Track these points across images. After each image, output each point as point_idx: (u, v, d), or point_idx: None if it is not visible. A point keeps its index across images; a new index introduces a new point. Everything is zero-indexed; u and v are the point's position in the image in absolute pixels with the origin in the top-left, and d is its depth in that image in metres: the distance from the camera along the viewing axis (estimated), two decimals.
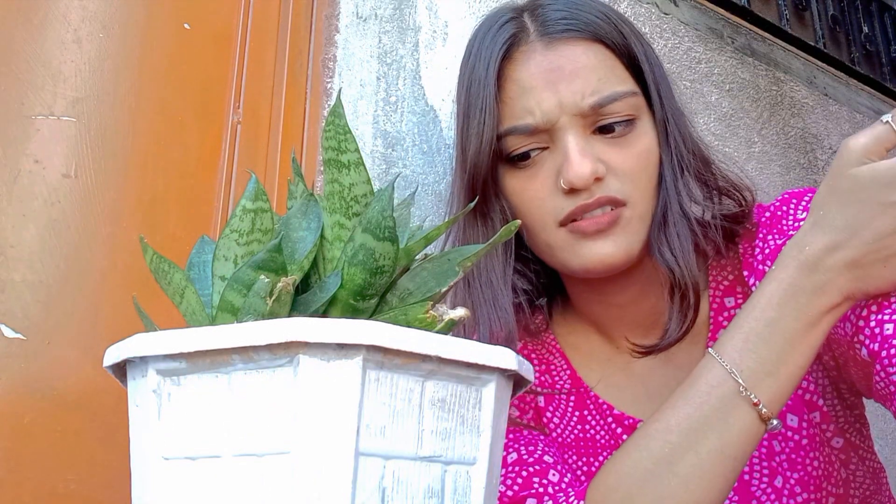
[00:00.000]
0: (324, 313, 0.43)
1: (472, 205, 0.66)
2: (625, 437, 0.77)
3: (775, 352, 0.58)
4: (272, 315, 0.39)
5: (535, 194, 0.72)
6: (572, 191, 0.69)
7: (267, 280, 0.39)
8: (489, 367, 0.39)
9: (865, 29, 2.01)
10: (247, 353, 0.35)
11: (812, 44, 1.78)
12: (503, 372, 0.41)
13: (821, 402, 0.72)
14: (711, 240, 0.74)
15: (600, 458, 0.78)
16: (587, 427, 0.79)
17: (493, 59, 0.72)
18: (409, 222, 0.49)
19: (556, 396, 0.81)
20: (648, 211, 0.72)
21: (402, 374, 0.37)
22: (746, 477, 0.72)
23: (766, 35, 1.68)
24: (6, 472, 0.72)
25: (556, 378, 0.82)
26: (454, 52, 1.12)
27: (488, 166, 0.72)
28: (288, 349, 0.35)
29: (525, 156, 0.72)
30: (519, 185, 0.73)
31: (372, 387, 0.36)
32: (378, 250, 0.42)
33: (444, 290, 0.45)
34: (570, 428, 0.80)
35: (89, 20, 0.89)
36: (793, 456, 0.71)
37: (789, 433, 0.72)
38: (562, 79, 0.70)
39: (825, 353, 0.72)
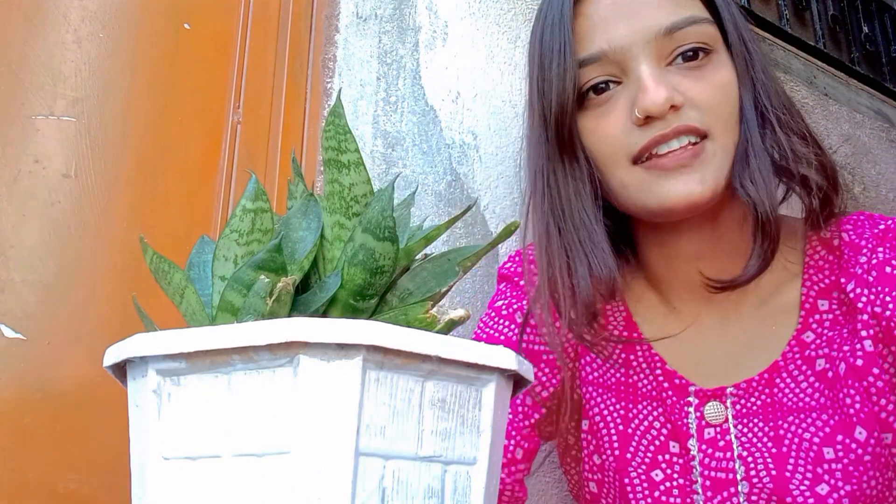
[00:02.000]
0: (324, 313, 0.43)
1: (472, 206, 0.65)
2: (671, 393, 0.76)
3: None
4: (272, 315, 0.39)
5: (608, 131, 0.70)
6: (648, 120, 0.67)
7: (267, 280, 0.39)
8: (489, 367, 0.39)
9: (866, 29, 2.01)
10: (247, 354, 0.35)
11: (812, 44, 1.78)
12: (503, 372, 0.41)
13: None
14: (801, 198, 0.71)
15: (640, 406, 0.77)
16: (630, 372, 0.78)
17: (565, 1, 0.71)
18: (409, 222, 0.49)
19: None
20: (731, 145, 0.69)
21: (402, 374, 0.37)
22: (788, 475, 0.69)
23: (766, 35, 1.68)
24: (6, 473, 0.72)
25: (610, 319, 0.80)
26: (454, 51, 1.12)
27: (573, 105, 0.70)
28: (288, 349, 0.35)
29: (601, 88, 0.70)
30: (592, 123, 0.71)
31: (372, 387, 0.36)
32: (378, 250, 0.42)
33: (444, 289, 0.45)
34: (612, 371, 0.79)
35: (89, 20, 0.89)
36: (850, 468, 0.68)
37: (853, 445, 0.68)
38: (636, 7, 0.69)
39: None
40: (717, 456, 0.73)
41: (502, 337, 0.80)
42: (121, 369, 0.40)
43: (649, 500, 0.74)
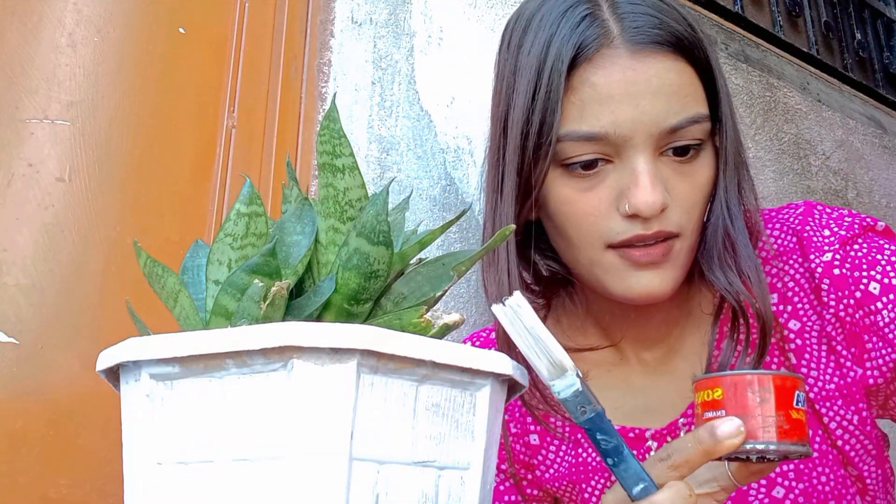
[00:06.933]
0: (318, 318, 0.43)
1: (466, 210, 0.65)
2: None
3: None
4: (266, 319, 0.39)
5: (589, 209, 0.68)
6: (634, 216, 0.66)
7: (261, 284, 0.39)
8: (484, 371, 0.39)
9: (858, 35, 2.02)
10: (240, 358, 0.35)
11: (805, 50, 1.79)
12: (497, 377, 0.41)
13: (847, 423, 0.71)
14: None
15: (591, 482, 0.77)
16: (580, 451, 0.78)
17: (565, 54, 0.66)
18: (403, 227, 0.49)
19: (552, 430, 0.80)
20: (695, 242, 0.70)
21: (396, 378, 0.37)
22: (744, 486, 0.71)
23: (760, 41, 1.69)
24: None
25: (552, 401, 0.78)
26: (449, 56, 1.12)
27: (545, 165, 0.68)
28: (282, 353, 0.35)
29: (590, 164, 0.67)
30: (572, 194, 0.68)
31: (366, 391, 0.36)
32: (372, 254, 0.42)
33: (438, 294, 0.45)
34: (566, 457, 0.79)
35: (84, 24, 0.88)
36: (801, 466, 0.70)
37: None
38: (646, 93, 0.65)
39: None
40: None
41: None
42: (114, 374, 0.40)
43: None
